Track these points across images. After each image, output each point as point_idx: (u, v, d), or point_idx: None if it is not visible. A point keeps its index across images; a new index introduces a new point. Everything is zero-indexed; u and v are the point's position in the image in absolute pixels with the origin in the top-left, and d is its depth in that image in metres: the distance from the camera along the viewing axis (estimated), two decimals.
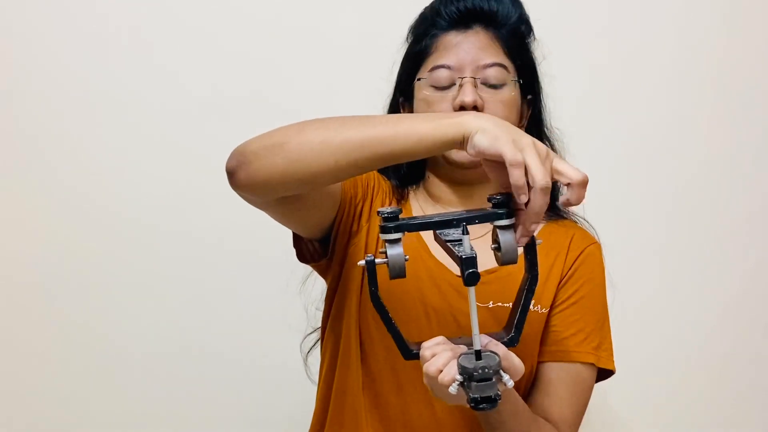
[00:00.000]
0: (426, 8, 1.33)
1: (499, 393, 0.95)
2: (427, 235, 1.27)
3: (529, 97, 1.32)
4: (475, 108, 1.22)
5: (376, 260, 0.99)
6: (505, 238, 0.97)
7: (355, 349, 1.26)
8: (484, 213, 0.99)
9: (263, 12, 1.81)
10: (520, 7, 1.31)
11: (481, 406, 0.95)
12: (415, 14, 1.34)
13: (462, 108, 1.22)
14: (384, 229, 0.98)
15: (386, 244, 0.98)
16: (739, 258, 1.94)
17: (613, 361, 1.29)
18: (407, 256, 0.97)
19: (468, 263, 0.93)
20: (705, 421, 1.92)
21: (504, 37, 1.27)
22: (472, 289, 0.96)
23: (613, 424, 1.86)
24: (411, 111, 1.32)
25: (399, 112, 1.35)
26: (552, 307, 1.28)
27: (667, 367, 1.92)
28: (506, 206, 0.98)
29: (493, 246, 0.99)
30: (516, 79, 1.27)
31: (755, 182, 1.95)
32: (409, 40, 1.34)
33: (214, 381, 1.83)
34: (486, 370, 0.95)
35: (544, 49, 1.35)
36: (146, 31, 1.79)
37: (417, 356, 1.03)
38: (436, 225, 0.99)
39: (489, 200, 0.99)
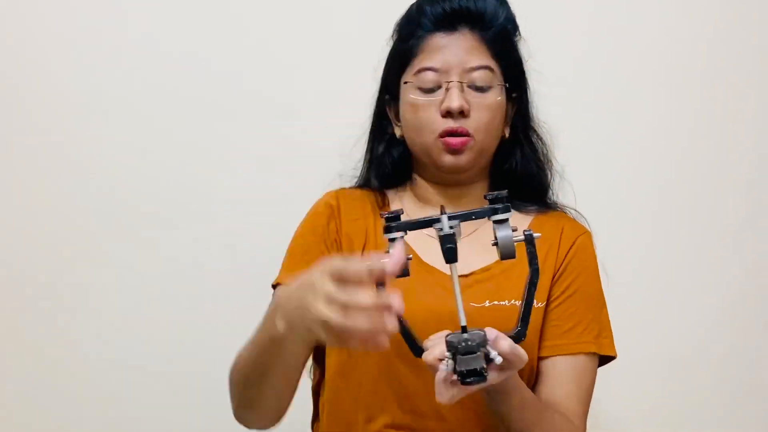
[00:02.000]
0: (412, 6, 1.33)
1: (485, 366, 0.97)
2: (416, 239, 1.27)
3: (514, 95, 1.33)
4: (462, 113, 1.23)
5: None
6: (501, 233, 1.01)
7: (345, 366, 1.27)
8: (481, 209, 1.02)
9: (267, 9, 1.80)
10: (506, 6, 1.31)
11: (467, 380, 0.97)
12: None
13: (448, 113, 1.23)
14: (387, 229, 1.01)
15: (389, 243, 1.01)
16: (739, 258, 1.91)
17: (614, 347, 1.30)
18: (410, 255, 0.99)
19: (445, 240, 0.96)
20: (704, 420, 1.91)
21: (490, 38, 1.27)
22: (454, 266, 0.99)
23: (611, 423, 1.84)
24: (396, 112, 1.33)
25: (385, 112, 1.36)
26: (549, 302, 1.28)
27: (665, 366, 1.91)
28: (502, 201, 1.01)
29: (493, 242, 1.02)
30: (501, 82, 1.28)
31: (755, 180, 1.92)
32: (395, 38, 1.34)
33: (210, 378, 1.77)
34: (469, 342, 0.97)
35: (531, 46, 1.36)
36: (150, 31, 1.77)
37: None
38: (434, 222, 1.01)
39: (486, 197, 1.02)
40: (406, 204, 1.35)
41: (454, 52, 1.25)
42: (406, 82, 1.28)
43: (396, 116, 1.34)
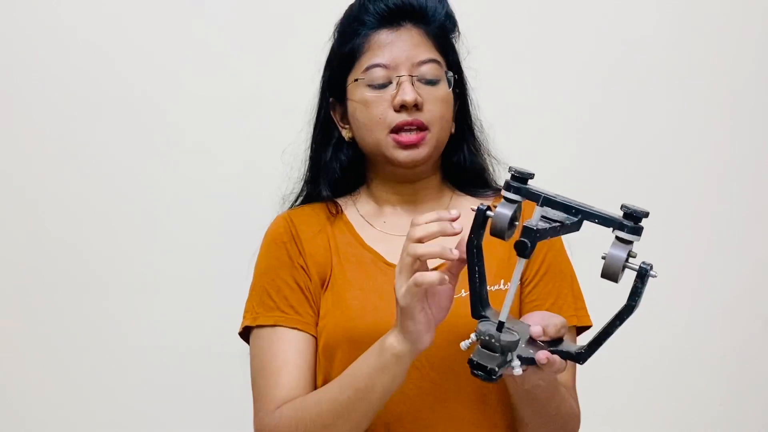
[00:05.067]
0: (353, 5, 1.34)
1: (496, 369, 0.97)
2: (376, 241, 1.30)
3: (457, 90, 1.34)
4: (416, 106, 1.24)
5: (488, 213, 1.00)
6: (615, 251, 0.94)
7: None
8: (609, 216, 0.95)
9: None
10: (445, 2, 1.34)
11: (474, 372, 0.98)
12: None
13: (402, 106, 1.24)
14: (506, 186, 0.99)
15: (503, 199, 0.99)
16: (739, 257, 1.93)
17: (588, 317, 1.31)
18: (516, 223, 1.00)
19: (522, 233, 0.95)
20: (703, 420, 1.93)
21: (433, 32, 1.30)
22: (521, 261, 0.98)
23: (610, 423, 1.83)
24: (342, 114, 1.34)
25: (329, 113, 1.35)
26: (523, 284, 1.29)
27: (664, 366, 1.92)
28: (638, 221, 0.93)
29: (603, 255, 0.96)
30: (453, 75, 1.30)
31: (755, 179, 1.94)
32: (336, 39, 1.35)
33: (212, 378, 1.82)
34: (494, 341, 0.97)
35: (468, 43, 1.38)
36: (151, 35, 1.82)
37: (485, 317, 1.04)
38: (556, 205, 0.98)
39: (621, 208, 0.95)
40: (362, 208, 1.36)
41: (401, 47, 1.27)
42: (357, 80, 1.29)
43: (341, 118, 1.35)
